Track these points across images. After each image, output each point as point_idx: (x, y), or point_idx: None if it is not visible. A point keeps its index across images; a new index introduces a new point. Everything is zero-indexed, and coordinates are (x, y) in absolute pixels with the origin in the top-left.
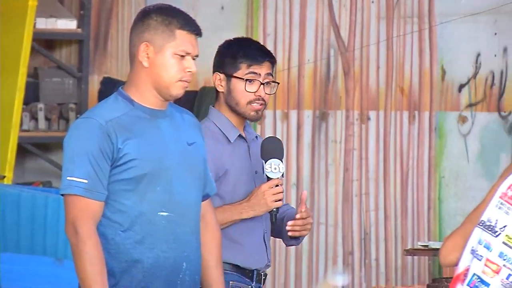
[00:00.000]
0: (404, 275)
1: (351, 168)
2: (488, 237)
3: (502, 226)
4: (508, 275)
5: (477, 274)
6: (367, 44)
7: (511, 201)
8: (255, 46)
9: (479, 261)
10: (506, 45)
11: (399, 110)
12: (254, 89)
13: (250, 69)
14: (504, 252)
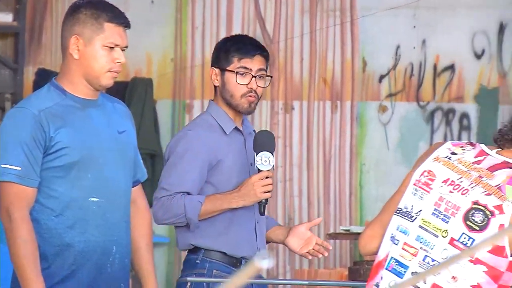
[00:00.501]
0: (326, 258)
1: (276, 156)
2: (405, 222)
3: (417, 211)
4: (425, 257)
5: (395, 258)
6: (291, 36)
7: (424, 187)
8: (247, 41)
9: (396, 245)
10: (425, 37)
11: (322, 100)
12: (245, 82)
13: (241, 62)
14: (421, 235)
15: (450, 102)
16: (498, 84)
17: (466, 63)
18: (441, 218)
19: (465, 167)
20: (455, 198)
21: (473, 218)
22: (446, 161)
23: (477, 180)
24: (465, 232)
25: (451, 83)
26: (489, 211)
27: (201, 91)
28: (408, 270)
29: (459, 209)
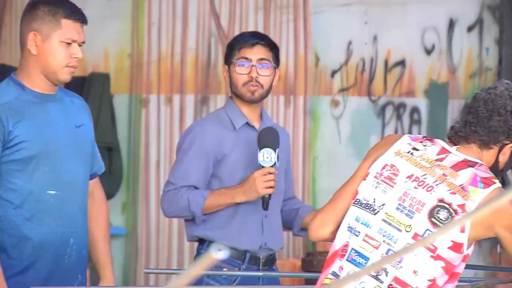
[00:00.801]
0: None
1: None
2: (367, 215)
3: (381, 204)
4: (388, 250)
5: (355, 249)
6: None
7: (387, 181)
8: (248, 33)
9: (357, 236)
10: (376, 33)
11: (276, 95)
12: (245, 71)
13: (241, 53)
14: (384, 228)
15: (401, 97)
16: (448, 79)
17: (416, 59)
18: (405, 213)
19: (428, 163)
20: (420, 195)
21: (438, 216)
22: (409, 156)
23: (441, 177)
24: (430, 228)
25: (402, 78)
26: (453, 209)
27: (157, 86)
28: (369, 261)
29: (424, 205)
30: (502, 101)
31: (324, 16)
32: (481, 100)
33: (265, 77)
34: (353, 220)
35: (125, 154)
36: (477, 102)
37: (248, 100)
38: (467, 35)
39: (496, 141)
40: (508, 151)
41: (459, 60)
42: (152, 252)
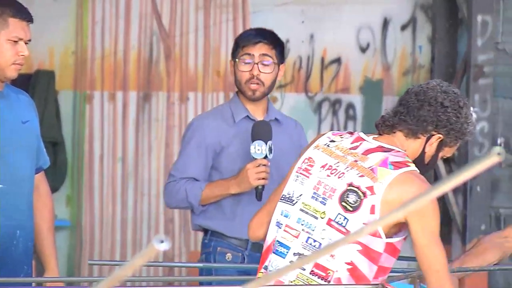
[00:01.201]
0: None
1: (171, 144)
2: (287, 207)
3: (298, 195)
4: (307, 238)
5: (278, 240)
6: (187, 31)
7: (304, 173)
8: (252, 30)
9: (280, 229)
10: (313, 32)
11: (216, 91)
12: (248, 69)
13: (244, 50)
14: (302, 218)
15: (337, 93)
16: (382, 76)
17: (351, 56)
18: (319, 201)
19: (342, 152)
20: (332, 182)
21: (347, 199)
22: (325, 148)
23: (352, 164)
24: (341, 212)
25: (337, 75)
26: (361, 192)
27: (101, 82)
28: (290, 250)
29: (335, 191)
30: (434, 93)
31: (262, 15)
32: (413, 93)
33: (267, 74)
34: (279, 215)
35: (69, 149)
36: (409, 95)
37: (250, 98)
38: (401, 34)
39: (424, 130)
40: (435, 143)
41: (393, 58)
42: (95, 244)
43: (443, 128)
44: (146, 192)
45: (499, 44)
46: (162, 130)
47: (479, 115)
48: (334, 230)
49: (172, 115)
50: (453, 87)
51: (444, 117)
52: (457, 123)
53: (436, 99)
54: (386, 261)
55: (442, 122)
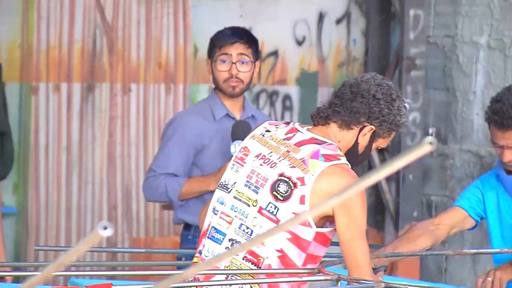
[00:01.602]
0: (161, 227)
1: (115, 134)
2: (223, 194)
3: (233, 183)
4: (240, 224)
5: (214, 226)
6: (129, 24)
7: (240, 161)
8: (228, 30)
9: (216, 215)
10: (251, 26)
11: (157, 83)
12: (226, 68)
13: (221, 50)
14: (235, 205)
15: (274, 85)
16: (318, 69)
17: (288, 49)
18: (252, 189)
19: (275, 142)
20: (265, 171)
21: (278, 189)
22: (260, 137)
23: (285, 154)
24: (271, 201)
25: (274, 67)
26: (292, 182)
27: (46, 74)
28: (225, 237)
29: (267, 180)
30: (367, 85)
31: (202, 9)
32: (347, 85)
33: (245, 73)
34: (215, 202)
35: (16, 138)
36: (344, 87)
37: (230, 95)
38: (336, 28)
39: (357, 121)
40: (368, 134)
41: (328, 51)
42: (41, 230)
43: (375, 120)
44: (90, 180)
45: (431, 37)
46: (105, 120)
47: (411, 106)
48: (265, 218)
49: (115, 106)
50: (387, 81)
51: (377, 108)
52: (390, 115)
53: (369, 91)
54: (316, 250)
55: (374, 114)
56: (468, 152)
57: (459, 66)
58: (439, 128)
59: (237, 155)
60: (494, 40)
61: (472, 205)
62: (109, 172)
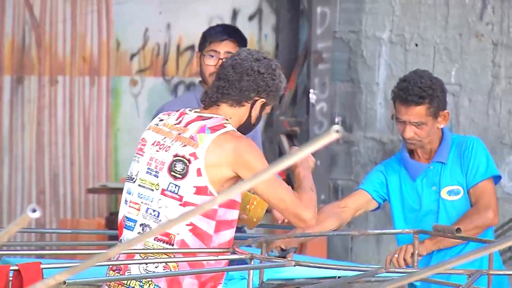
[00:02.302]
0: (87, 209)
1: (42, 123)
2: (130, 185)
3: (136, 173)
4: (147, 209)
5: (125, 216)
6: (56, 21)
7: (140, 152)
8: (219, 27)
9: (126, 205)
10: (169, 22)
11: (82, 75)
12: (213, 63)
13: (211, 46)
14: (141, 192)
15: (191, 77)
16: None
17: None
18: (153, 174)
19: (168, 128)
20: (161, 156)
21: (175, 169)
22: (155, 127)
23: (177, 137)
24: (171, 181)
25: (191, 60)
26: (186, 159)
27: None
28: (136, 223)
29: (164, 163)
30: (248, 63)
31: (124, 7)
32: (229, 67)
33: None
34: (125, 194)
35: None
36: (226, 69)
37: None
38: (248, 23)
39: (248, 98)
40: (259, 106)
41: None
42: None
43: (263, 92)
44: (19, 167)
45: (337, 33)
46: (34, 110)
47: (318, 97)
48: (168, 198)
49: (43, 97)
50: (263, 54)
51: (263, 83)
52: (274, 84)
53: (252, 69)
54: (225, 215)
55: (262, 88)
56: (372, 140)
57: (363, 59)
58: (344, 117)
59: (137, 147)
60: (396, 35)
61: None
62: (37, 158)
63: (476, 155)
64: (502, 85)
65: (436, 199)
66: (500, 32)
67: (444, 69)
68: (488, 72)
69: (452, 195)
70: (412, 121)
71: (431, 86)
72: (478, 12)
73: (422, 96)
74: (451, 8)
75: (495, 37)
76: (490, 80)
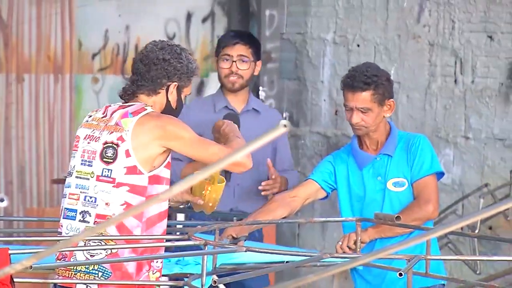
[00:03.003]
0: (52, 199)
1: (10, 118)
2: (68, 179)
3: (73, 167)
4: (85, 197)
5: (66, 207)
6: (22, 21)
7: (75, 148)
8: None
9: (65, 198)
10: (128, 23)
11: (47, 73)
12: (227, 66)
13: (224, 50)
14: (79, 183)
15: None
16: None
17: None
18: (87, 164)
19: (96, 121)
20: (92, 146)
21: (106, 154)
22: (85, 123)
23: (104, 127)
24: (104, 167)
25: None
26: (115, 144)
27: None
28: (77, 212)
29: (96, 152)
30: (154, 54)
31: (86, 9)
32: (138, 61)
33: (244, 70)
34: (65, 188)
35: None
36: (136, 64)
37: (230, 90)
38: (202, 25)
39: (161, 85)
40: (174, 89)
41: (195, 45)
42: None
43: (174, 76)
44: None
45: (284, 34)
46: (2, 107)
47: (267, 94)
48: (103, 183)
49: (10, 93)
50: (168, 41)
51: (171, 68)
52: (183, 67)
53: (158, 58)
54: (151, 190)
55: (171, 73)
56: (317, 134)
57: (308, 59)
58: (291, 113)
59: (73, 145)
60: (339, 37)
61: (324, 178)
62: (5, 151)
63: (422, 152)
64: (438, 82)
65: (381, 189)
66: (436, 34)
67: (384, 68)
68: (425, 71)
69: (397, 186)
70: (359, 106)
71: (376, 74)
72: (416, 15)
73: (368, 83)
74: (390, 12)
75: (431, 38)
76: (426, 78)
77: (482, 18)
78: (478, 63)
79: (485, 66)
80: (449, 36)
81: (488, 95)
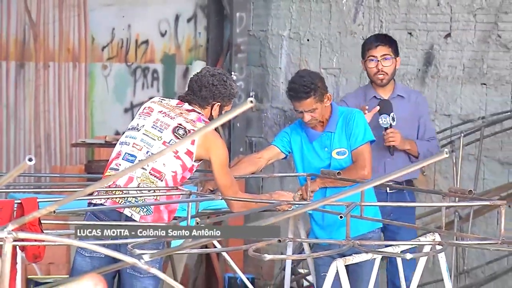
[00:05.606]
0: (71, 159)
1: (39, 97)
2: (133, 133)
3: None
4: (148, 151)
5: (128, 152)
6: (47, 22)
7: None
8: (373, 37)
9: (128, 145)
10: (130, 23)
11: (67, 62)
12: (373, 66)
13: (369, 52)
14: (144, 139)
15: (146, 63)
16: (175, 52)
17: (155, 39)
18: (157, 129)
19: (171, 107)
20: (166, 120)
21: (178, 132)
22: (160, 102)
23: (179, 114)
24: (173, 138)
25: (146, 51)
26: (187, 130)
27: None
28: (136, 158)
29: (169, 126)
30: (206, 79)
31: (96, 12)
32: (194, 81)
33: (388, 67)
34: (124, 138)
35: None
36: (192, 82)
37: (379, 85)
38: (187, 24)
39: (207, 103)
40: (217, 108)
41: (182, 40)
42: None
43: (218, 98)
44: (22, 127)
45: (251, 31)
46: (32, 88)
47: (238, 77)
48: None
49: (39, 78)
50: (218, 69)
51: (217, 91)
52: (226, 91)
53: (208, 82)
54: (186, 174)
55: (216, 95)
56: (276, 108)
57: (270, 50)
58: (257, 92)
59: (142, 111)
60: (293, 33)
61: (283, 144)
62: (35, 122)
63: (357, 125)
64: None
65: (327, 157)
66: (368, 31)
67: (328, 57)
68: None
69: (340, 155)
70: (306, 109)
71: (312, 81)
72: (352, 16)
73: (307, 91)
74: (333, 14)
75: (365, 34)
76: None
77: (403, 18)
78: (401, 54)
79: (406, 56)
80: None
81: (408, 78)
